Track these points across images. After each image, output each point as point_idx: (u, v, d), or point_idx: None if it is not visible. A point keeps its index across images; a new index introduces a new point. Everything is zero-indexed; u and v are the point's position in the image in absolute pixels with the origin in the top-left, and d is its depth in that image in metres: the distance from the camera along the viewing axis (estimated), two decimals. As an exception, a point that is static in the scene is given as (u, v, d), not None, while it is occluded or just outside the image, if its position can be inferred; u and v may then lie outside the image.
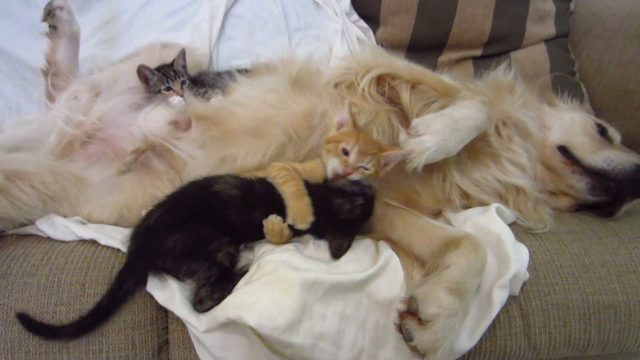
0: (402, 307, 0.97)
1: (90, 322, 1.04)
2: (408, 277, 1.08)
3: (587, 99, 2.01)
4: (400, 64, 1.37)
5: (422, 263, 1.13)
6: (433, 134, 1.15)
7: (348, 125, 1.20)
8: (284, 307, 0.94)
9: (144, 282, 1.08)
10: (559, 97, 1.63)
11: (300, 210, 1.09)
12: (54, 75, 1.56)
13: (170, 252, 1.05)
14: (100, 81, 1.64)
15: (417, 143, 1.15)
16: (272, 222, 1.11)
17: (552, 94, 1.65)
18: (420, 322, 0.92)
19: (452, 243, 1.08)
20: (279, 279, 0.98)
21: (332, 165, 1.17)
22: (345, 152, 1.16)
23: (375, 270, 1.06)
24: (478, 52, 2.08)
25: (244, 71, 1.67)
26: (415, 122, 1.19)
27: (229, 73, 1.61)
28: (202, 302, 1.02)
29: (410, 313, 0.95)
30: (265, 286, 0.98)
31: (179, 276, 1.08)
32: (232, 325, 0.97)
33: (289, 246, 1.13)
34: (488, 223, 1.17)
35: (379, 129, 1.33)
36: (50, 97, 1.56)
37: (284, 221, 1.11)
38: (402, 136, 1.20)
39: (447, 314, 0.92)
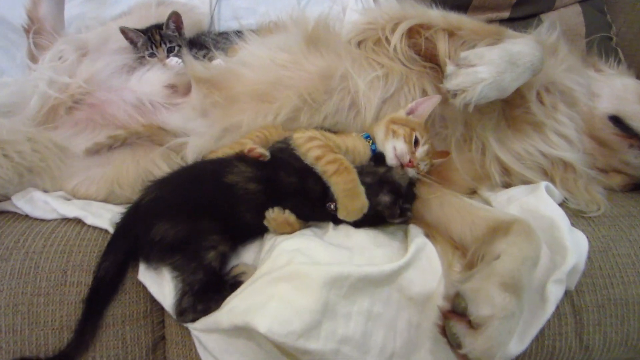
0: (445, 305, 0.81)
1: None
2: (446, 267, 0.92)
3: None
4: (433, 13, 1.22)
5: (463, 250, 0.97)
6: (488, 64, 1.00)
7: (420, 118, 1.08)
8: (300, 308, 0.79)
9: (125, 269, 0.95)
10: (604, 62, 1.45)
11: (355, 208, 0.93)
12: (37, 34, 1.43)
13: (157, 244, 0.90)
14: (89, 40, 1.48)
15: (470, 73, 0.99)
16: (274, 219, 0.96)
17: (597, 58, 1.46)
18: (470, 324, 0.76)
19: (500, 228, 0.92)
20: (294, 274, 0.82)
21: (400, 148, 1.04)
22: (416, 143, 1.04)
23: (408, 259, 0.90)
24: (506, 14, 1.90)
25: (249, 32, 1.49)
26: (464, 53, 1.03)
27: (234, 32, 1.44)
28: (183, 314, 0.87)
29: (456, 313, 0.79)
30: (278, 283, 0.82)
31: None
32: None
33: (306, 231, 0.97)
34: (538, 204, 1.01)
35: (410, 98, 1.17)
36: (33, 58, 1.42)
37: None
38: (450, 67, 1.03)
39: (503, 316, 0.76)
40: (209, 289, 0.87)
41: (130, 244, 0.94)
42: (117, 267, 0.93)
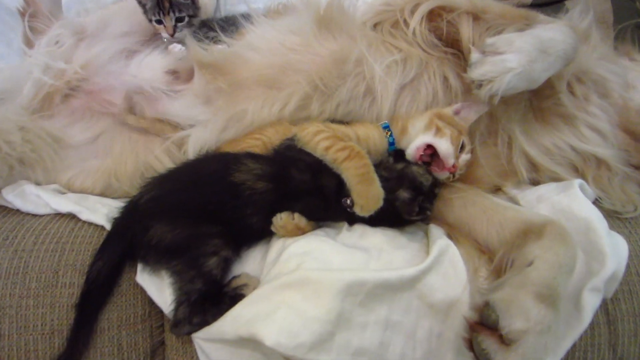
0: (472, 316, 0.73)
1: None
2: (472, 272, 0.84)
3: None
4: None
5: (489, 254, 0.89)
6: (517, 52, 0.92)
7: (465, 122, 1.02)
8: (311, 318, 0.72)
9: (119, 270, 0.89)
10: (638, 50, 1.35)
11: (371, 196, 0.84)
12: (33, 17, 1.36)
13: (153, 247, 0.83)
14: (87, 24, 1.40)
15: (497, 62, 0.91)
16: (282, 227, 0.88)
17: (631, 46, 1.36)
18: (502, 339, 0.68)
19: (532, 230, 0.84)
20: (304, 280, 0.75)
21: (446, 149, 0.95)
22: (462, 148, 0.98)
23: (430, 263, 0.82)
24: (528, 0, 1.77)
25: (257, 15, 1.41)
26: (491, 40, 0.95)
27: (241, 15, 1.35)
28: (178, 326, 0.81)
29: (485, 326, 0.71)
30: (286, 289, 0.75)
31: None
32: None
33: (317, 231, 0.90)
34: (571, 204, 0.92)
35: (430, 87, 1.08)
36: (29, 43, 1.35)
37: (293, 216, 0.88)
38: (475, 55, 0.95)
39: (539, 330, 0.68)
40: (207, 300, 0.80)
41: (126, 244, 0.88)
42: (110, 269, 0.87)
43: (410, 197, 0.88)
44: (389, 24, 1.13)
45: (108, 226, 0.93)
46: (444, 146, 0.95)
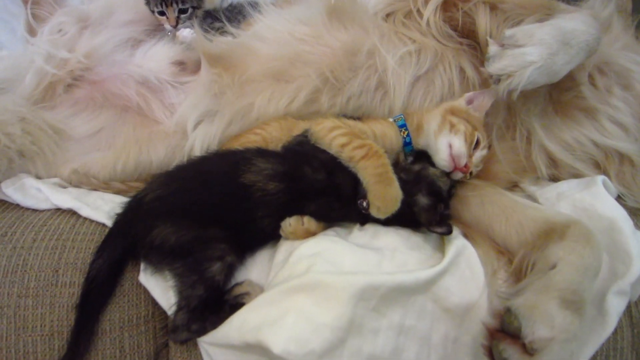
0: (492, 323, 0.69)
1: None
2: (490, 275, 0.80)
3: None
4: None
5: (508, 255, 0.85)
6: (537, 45, 0.87)
7: (479, 112, 0.98)
8: (321, 324, 0.68)
9: (121, 268, 0.85)
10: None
11: (389, 197, 0.80)
12: (35, 4, 1.33)
13: (156, 248, 0.79)
14: (91, 12, 1.36)
15: (517, 55, 0.87)
16: (292, 232, 0.84)
17: (653, 35, 1.31)
18: (524, 348, 0.64)
19: (554, 231, 0.80)
20: (315, 284, 0.71)
21: (458, 148, 0.91)
22: (476, 145, 0.93)
23: (446, 265, 0.78)
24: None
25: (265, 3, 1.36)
26: (510, 31, 0.91)
27: (248, 3, 1.31)
28: (175, 332, 0.77)
29: (506, 333, 0.67)
30: (296, 294, 0.71)
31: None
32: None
33: (328, 231, 0.86)
34: (594, 202, 0.88)
35: (446, 79, 1.04)
36: (31, 31, 1.32)
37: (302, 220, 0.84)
38: (493, 48, 0.90)
39: (564, 338, 0.64)
40: (208, 307, 0.76)
41: (128, 242, 0.84)
42: (111, 267, 0.83)
43: (430, 203, 0.84)
44: (401, 14, 1.09)
45: (109, 223, 0.90)
46: (456, 145, 0.91)
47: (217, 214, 0.81)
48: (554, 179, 1.04)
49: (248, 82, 1.07)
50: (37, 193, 0.97)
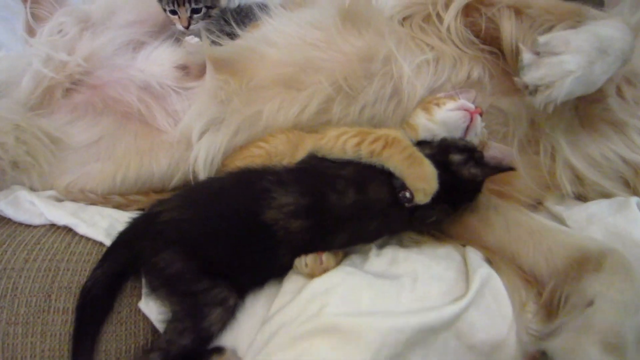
0: (525, 367, 0.63)
1: None
2: (518, 308, 0.73)
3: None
4: None
5: (537, 285, 0.78)
6: (575, 53, 0.81)
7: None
8: None
9: (120, 282, 0.80)
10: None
11: (427, 175, 0.76)
12: (35, 3, 1.28)
13: (157, 271, 0.74)
14: (92, 12, 1.30)
15: (555, 64, 0.81)
16: (309, 274, 0.77)
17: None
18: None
19: (589, 260, 0.73)
20: (331, 328, 0.65)
21: (455, 103, 0.88)
22: None
23: (471, 297, 0.71)
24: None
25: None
26: (545, 38, 0.84)
27: (257, 5, 1.25)
28: None
29: (541, 379, 0.61)
30: (310, 338, 0.65)
31: None
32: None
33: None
34: (629, 228, 0.81)
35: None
36: (31, 31, 1.26)
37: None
38: (527, 55, 0.84)
39: (606, 388, 0.58)
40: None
41: (132, 256, 0.78)
42: (110, 278, 0.77)
43: (464, 157, 0.81)
44: (419, 18, 1.02)
45: (107, 242, 0.84)
46: (451, 104, 0.87)
47: (233, 251, 0.75)
48: (580, 197, 0.98)
49: (256, 89, 1.01)
50: (31, 207, 0.91)
